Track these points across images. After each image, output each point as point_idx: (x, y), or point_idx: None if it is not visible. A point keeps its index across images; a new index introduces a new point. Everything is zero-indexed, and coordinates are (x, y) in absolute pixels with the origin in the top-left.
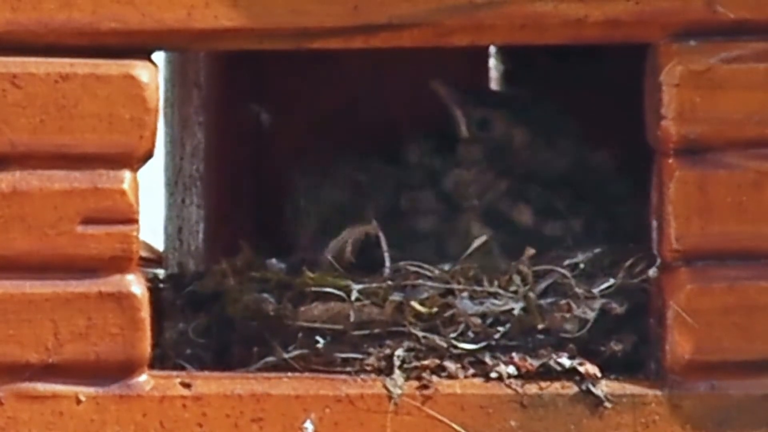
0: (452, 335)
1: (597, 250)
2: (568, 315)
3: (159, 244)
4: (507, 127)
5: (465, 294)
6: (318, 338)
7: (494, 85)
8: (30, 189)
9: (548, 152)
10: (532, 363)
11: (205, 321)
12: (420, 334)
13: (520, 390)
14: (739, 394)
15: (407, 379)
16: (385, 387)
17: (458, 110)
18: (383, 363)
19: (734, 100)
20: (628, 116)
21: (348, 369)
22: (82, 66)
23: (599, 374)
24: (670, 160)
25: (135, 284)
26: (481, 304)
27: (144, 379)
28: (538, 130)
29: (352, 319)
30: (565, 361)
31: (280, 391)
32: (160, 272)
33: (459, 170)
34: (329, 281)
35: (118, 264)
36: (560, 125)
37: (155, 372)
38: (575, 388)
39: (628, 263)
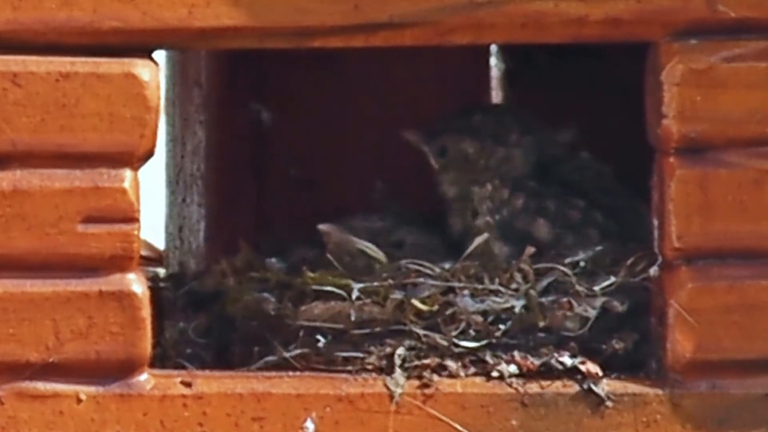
0: (453, 333)
1: (598, 249)
2: (569, 313)
3: (160, 243)
4: (457, 144)
5: (466, 292)
6: (319, 337)
7: (495, 84)
8: (31, 188)
9: (507, 150)
10: (534, 362)
11: (206, 320)
12: (421, 332)
13: (521, 389)
14: (740, 393)
15: (408, 378)
16: (385, 386)
17: (425, 148)
18: (384, 362)
19: (735, 98)
20: (628, 115)
21: (349, 368)
22: (82, 65)
23: (600, 373)
24: (671, 159)
25: (136, 283)
26: (482, 302)
27: (144, 378)
28: (491, 136)
29: (352, 318)
30: (567, 360)
31: (280, 390)
32: (161, 271)
33: (475, 188)
34: (330, 280)
35: (119, 263)
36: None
37: (156, 371)
38: (576, 387)
39: (629, 262)
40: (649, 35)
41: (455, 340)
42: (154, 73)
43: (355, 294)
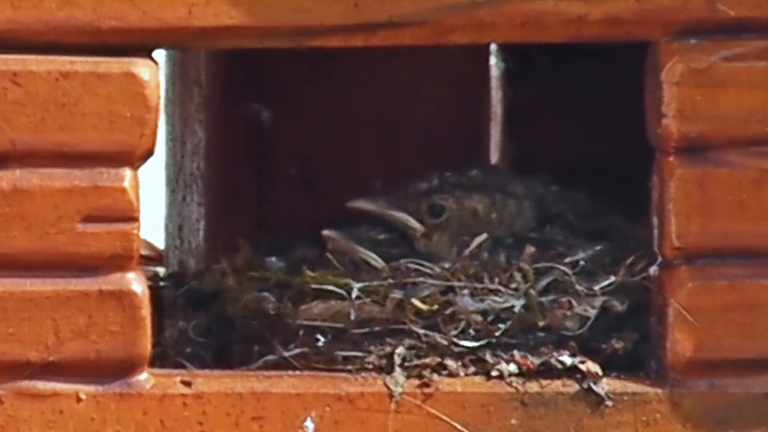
0: (453, 333)
1: (598, 248)
2: (569, 312)
3: (159, 242)
4: (460, 202)
5: (466, 291)
6: (318, 336)
7: (495, 84)
8: (30, 187)
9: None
10: (533, 361)
11: (206, 320)
12: (421, 332)
13: (521, 388)
14: (740, 393)
15: (408, 377)
16: (385, 385)
17: (398, 214)
18: (384, 361)
19: (735, 98)
20: (628, 115)
21: (348, 367)
22: (82, 64)
23: (600, 372)
24: (671, 159)
25: (135, 282)
26: (482, 301)
27: (144, 377)
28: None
29: (352, 317)
30: (566, 359)
31: (280, 389)
32: (161, 270)
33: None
34: (329, 279)
35: (119, 262)
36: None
37: (156, 370)
38: (576, 386)
39: (628, 261)
40: (649, 35)
41: (455, 340)
42: (154, 72)
43: (354, 293)
